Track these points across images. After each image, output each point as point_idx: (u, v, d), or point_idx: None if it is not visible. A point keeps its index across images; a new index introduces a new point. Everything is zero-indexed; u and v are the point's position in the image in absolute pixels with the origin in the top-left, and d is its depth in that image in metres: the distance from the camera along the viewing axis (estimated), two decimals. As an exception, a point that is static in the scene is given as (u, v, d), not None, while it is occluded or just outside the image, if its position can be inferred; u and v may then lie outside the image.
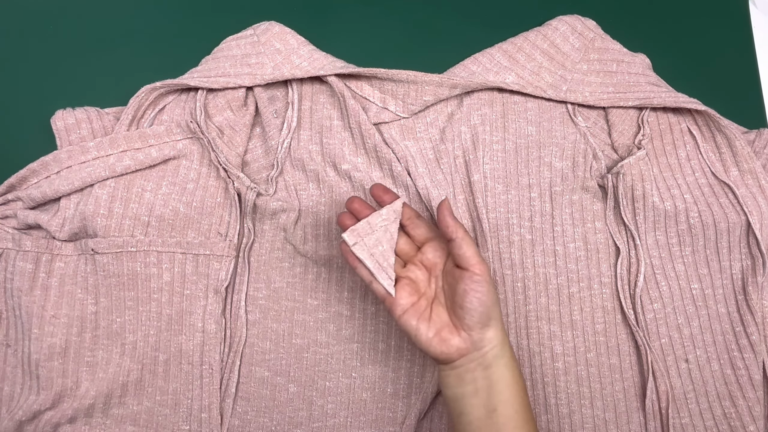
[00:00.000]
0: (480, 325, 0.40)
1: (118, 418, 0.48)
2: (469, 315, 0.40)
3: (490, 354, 0.40)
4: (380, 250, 0.42)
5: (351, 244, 0.41)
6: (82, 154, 0.50)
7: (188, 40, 0.58)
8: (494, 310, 0.40)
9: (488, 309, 0.40)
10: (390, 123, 0.54)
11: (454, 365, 0.41)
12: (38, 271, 0.49)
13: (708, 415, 0.49)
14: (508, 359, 0.41)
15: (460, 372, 0.41)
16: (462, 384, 0.40)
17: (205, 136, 0.51)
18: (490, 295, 0.40)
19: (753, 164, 0.52)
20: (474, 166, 0.53)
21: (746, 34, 0.61)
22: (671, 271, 0.52)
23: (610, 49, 0.55)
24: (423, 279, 0.43)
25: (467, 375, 0.40)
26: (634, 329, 0.50)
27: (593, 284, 0.52)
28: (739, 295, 0.52)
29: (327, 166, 0.53)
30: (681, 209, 0.52)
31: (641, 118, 0.55)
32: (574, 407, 0.49)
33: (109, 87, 0.55)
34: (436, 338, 0.40)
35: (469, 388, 0.40)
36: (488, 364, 0.40)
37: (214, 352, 0.49)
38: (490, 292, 0.40)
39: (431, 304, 0.42)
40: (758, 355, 0.50)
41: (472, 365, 0.40)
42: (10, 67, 0.57)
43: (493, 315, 0.40)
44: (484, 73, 0.54)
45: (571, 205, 0.53)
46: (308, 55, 0.54)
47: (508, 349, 0.41)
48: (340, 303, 0.51)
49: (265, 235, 0.53)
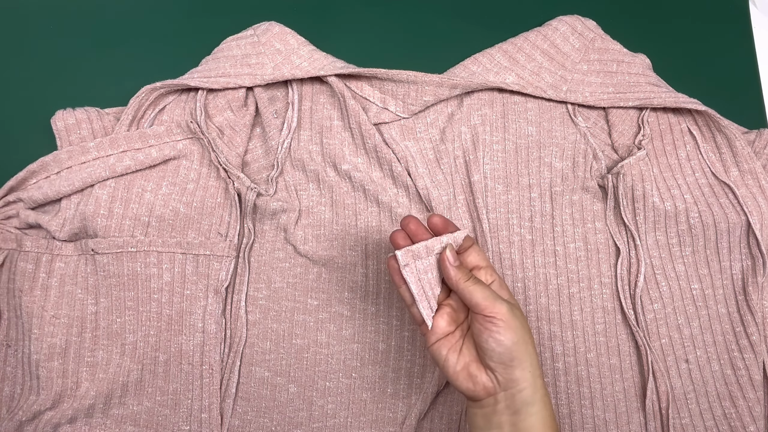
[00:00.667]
0: (502, 366, 0.38)
1: (118, 418, 0.48)
2: (487, 355, 0.38)
3: (519, 398, 0.38)
4: (428, 278, 0.41)
5: (402, 264, 0.39)
6: (83, 155, 0.50)
7: (188, 41, 0.58)
8: (518, 350, 0.38)
9: (508, 350, 0.38)
10: (390, 123, 0.54)
11: (481, 404, 0.39)
12: (38, 272, 0.49)
13: (708, 415, 0.49)
14: (540, 408, 0.38)
15: (487, 413, 0.39)
16: (489, 426, 0.39)
17: (206, 136, 0.51)
18: (509, 335, 0.38)
19: (753, 164, 0.52)
20: (474, 167, 0.53)
21: (746, 34, 0.61)
22: (671, 272, 0.52)
23: (610, 50, 0.55)
24: (463, 309, 0.42)
25: (494, 417, 0.38)
26: (634, 329, 0.50)
27: (593, 284, 0.52)
28: (740, 295, 0.52)
29: (327, 167, 0.53)
30: (681, 209, 0.52)
31: (641, 118, 0.55)
32: (574, 407, 0.49)
33: (109, 87, 0.55)
34: (463, 372, 0.39)
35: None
36: (517, 409, 0.38)
37: (214, 352, 0.49)
38: (509, 332, 0.38)
39: (464, 336, 0.41)
40: (758, 356, 0.50)
41: (499, 407, 0.38)
42: (10, 67, 0.57)
43: (517, 356, 0.38)
44: (485, 74, 0.54)
45: (571, 205, 0.53)
46: (308, 56, 0.54)
47: (540, 397, 0.38)
48: (341, 303, 0.51)
49: (266, 235, 0.53)
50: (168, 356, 0.49)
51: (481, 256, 0.43)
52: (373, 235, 0.52)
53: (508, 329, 0.38)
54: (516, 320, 0.38)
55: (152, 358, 0.49)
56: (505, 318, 0.38)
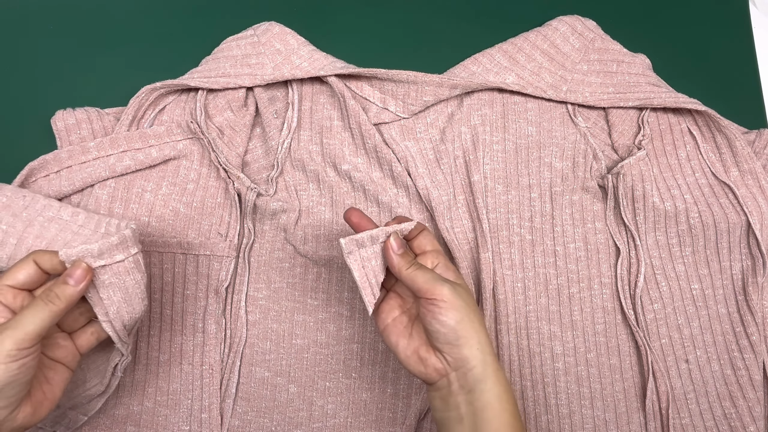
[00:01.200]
0: (449, 346, 0.38)
1: (118, 418, 0.48)
2: (433, 336, 0.38)
3: (470, 376, 0.38)
4: (372, 265, 0.41)
5: (346, 252, 0.40)
6: (83, 154, 0.50)
7: (188, 41, 0.58)
8: (463, 329, 0.38)
9: (452, 329, 0.38)
10: (390, 123, 0.54)
11: (437, 387, 0.39)
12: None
13: (708, 415, 0.49)
14: (493, 383, 0.38)
15: (444, 394, 0.39)
16: (447, 408, 0.39)
17: (206, 136, 0.51)
18: (452, 314, 0.38)
19: (753, 164, 0.52)
20: (474, 167, 0.53)
21: (746, 34, 0.62)
22: (671, 272, 0.52)
23: (610, 50, 0.55)
24: (411, 295, 0.42)
25: (450, 399, 0.38)
26: (634, 329, 0.50)
27: (593, 284, 0.52)
28: (740, 295, 0.52)
29: (327, 167, 0.53)
30: (681, 209, 0.52)
31: (641, 118, 0.55)
32: (574, 407, 0.49)
33: (109, 87, 0.55)
34: (413, 356, 0.39)
35: (454, 414, 0.38)
36: (470, 387, 0.38)
37: (215, 352, 0.49)
38: (452, 311, 0.38)
39: (413, 321, 0.41)
40: (758, 356, 0.50)
41: (453, 388, 0.38)
42: (10, 67, 0.57)
43: (463, 334, 0.38)
44: (485, 74, 0.54)
45: (571, 205, 0.53)
46: (308, 56, 0.54)
47: (492, 372, 0.38)
48: (341, 303, 0.51)
49: (266, 235, 0.53)
50: (168, 356, 0.49)
51: (429, 239, 0.43)
52: (373, 235, 0.52)
53: (450, 309, 0.38)
54: (459, 299, 0.38)
55: (152, 358, 0.49)
56: (447, 298, 0.38)
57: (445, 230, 0.51)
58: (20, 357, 0.34)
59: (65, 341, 0.39)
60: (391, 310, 0.42)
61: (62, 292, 0.36)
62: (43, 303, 0.35)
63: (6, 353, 0.33)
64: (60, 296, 0.35)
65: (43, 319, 0.35)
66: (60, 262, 0.37)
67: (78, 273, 0.36)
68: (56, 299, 0.35)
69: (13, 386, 0.34)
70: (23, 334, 0.34)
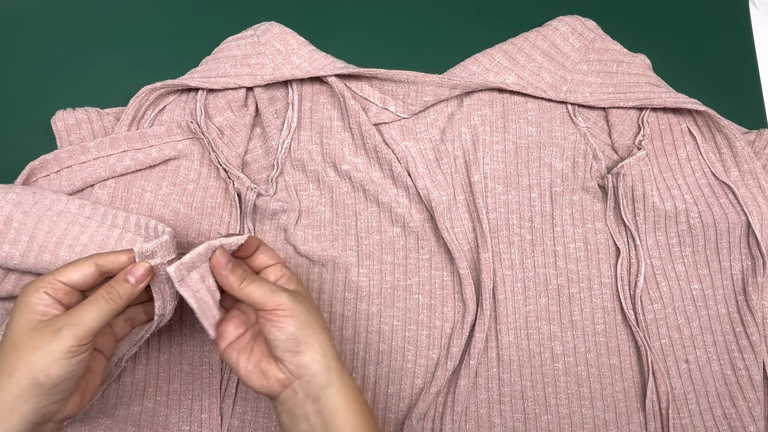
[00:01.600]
0: (290, 354, 0.37)
1: (119, 418, 0.48)
2: (273, 346, 0.37)
3: (315, 383, 0.37)
4: (207, 285, 0.38)
5: (177, 280, 0.36)
6: (83, 154, 0.50)
7: (188, 41, 0.58)
8: (304, 335, 0.37)
9: (292, 335, 0.37)
10: (390, 123, 0.54)
11: (281, 400, 0.38)
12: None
13: (708, 415, 0.49)
14: (338, 387, 0.37)
15: (290, 407, 0.37)
16: (295, 422, 0.37)
17: (206, 136, 0.51)
18: (291, 321, 0.37)
19: (753, 165, 0.52)
20: (474, 167, 0.53)
21: (746, 34, 0.62)
22: (671, 272, 0.52)
23: (610, 50, 0.55)
24: (252, 310, 0.41)
25: (297, 410, 0.37)
26: (634, 330, 0.50)
27: (593, 285, 0.52)
28: (740, 295, 0.52)
29: (327, 167, 0.53)
30: (681, 209, 0.52)
31: (641, 118, 0.55)
32: (574, 408, 0.49)
33: (109, 87, 0.55)
34: (255, 370, 0.38)
35: (304, 427, 0.37)
36: (316, 395, 0.37)
37: (215, 352, 0.49)
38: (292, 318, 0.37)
39: (256, 336, 0.40)
40: (758, 356, 0.50)
41: (299, 398, 0.37)
42: (10, 67, 0.57)
43: (303, 341, 0.37)
44: (484, 74, 0.54)
45: (571, 205, 0.53)
46: (308, 56, 0.54)
47: (337, 376, 0.37)
48: (341, 304, 0.51)
49: (266, 235, 0.53)
50: (168, 356, 0.49)
51: (271, 254, 0.42)
52: (373, 235, 0.52)
53: (290, 316, 0.37)
54: (299, 306, 0.37)
55: (153, 358, 0.49)
56: (286, 306, 0.37)
57: (445, 230, 0.51)
58: (80, 353, 0.34)
59: (106, 328, 0.39)
60: (235, 328, 0.40)
61: (123, 291, 0.36)
62: (104, 300, 0.35)
63: (67, 349, 0.33)
64: (122, 294, 0.36)
65: (103, 316, 0.35)
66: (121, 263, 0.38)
67: (140, 272, 0.37)
68: (118, 298, 0.36)
69: (69, 381, 0.34)
70: (84, 330, 0.34)
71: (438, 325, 0.51)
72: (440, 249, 0.52)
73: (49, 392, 0.34)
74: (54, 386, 0.34)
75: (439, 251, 0.52)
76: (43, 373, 0.33)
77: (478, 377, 0.50)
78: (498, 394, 0.49)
